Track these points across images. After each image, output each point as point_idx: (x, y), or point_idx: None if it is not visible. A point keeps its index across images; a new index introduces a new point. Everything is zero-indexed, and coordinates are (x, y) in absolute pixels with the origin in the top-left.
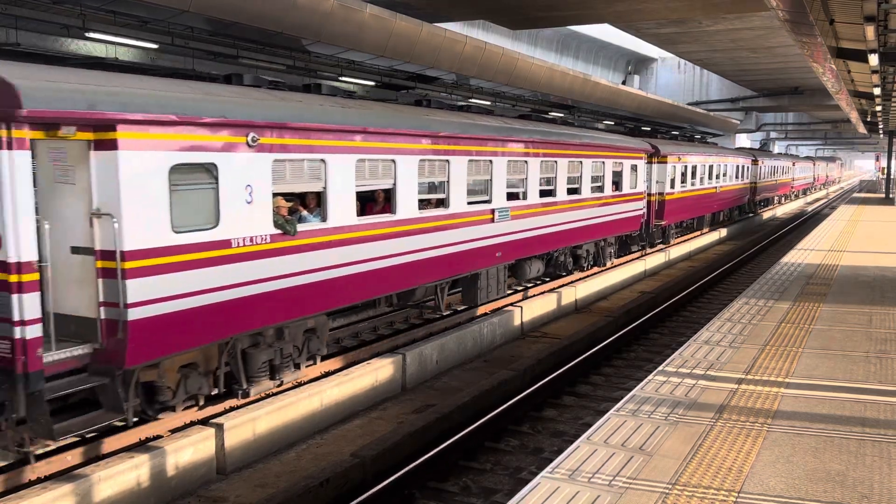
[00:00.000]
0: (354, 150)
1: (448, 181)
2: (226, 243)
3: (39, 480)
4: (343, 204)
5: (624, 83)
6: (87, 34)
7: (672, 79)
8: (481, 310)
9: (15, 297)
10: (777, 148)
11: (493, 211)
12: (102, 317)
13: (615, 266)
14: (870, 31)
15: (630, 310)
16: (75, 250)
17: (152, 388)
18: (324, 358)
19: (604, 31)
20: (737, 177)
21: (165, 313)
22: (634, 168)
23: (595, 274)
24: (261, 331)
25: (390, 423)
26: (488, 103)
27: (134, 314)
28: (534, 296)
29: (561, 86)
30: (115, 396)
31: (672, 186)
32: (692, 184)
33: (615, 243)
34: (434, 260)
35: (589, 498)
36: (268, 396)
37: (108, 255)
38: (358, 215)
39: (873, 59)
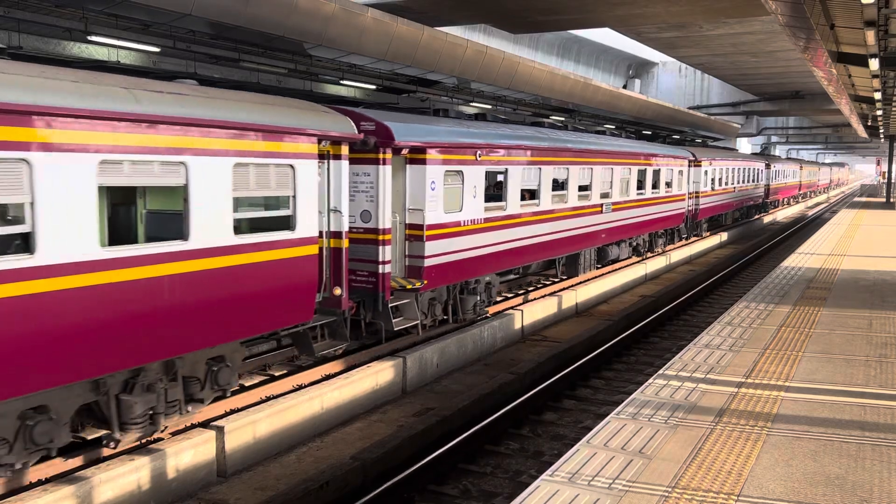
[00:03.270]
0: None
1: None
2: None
3: (40, 483)
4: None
5: (625, 87)
6: (89, 37)
7: (673, 83)
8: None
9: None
10: (777, 152)
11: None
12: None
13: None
14: (870, 35)
15: (630, 313)
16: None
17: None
18: (323, 361)
19: (605, 36)
20: (791, 177)
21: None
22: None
23: (596, 277)
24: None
25: (390, 427)
26: (489, 107)
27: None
28: (534, 299)
29: (562, 90)
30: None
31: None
32: (785, 178)
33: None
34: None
35: (588, 501)
36: (268, 399)
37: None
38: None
39: (874, 64)
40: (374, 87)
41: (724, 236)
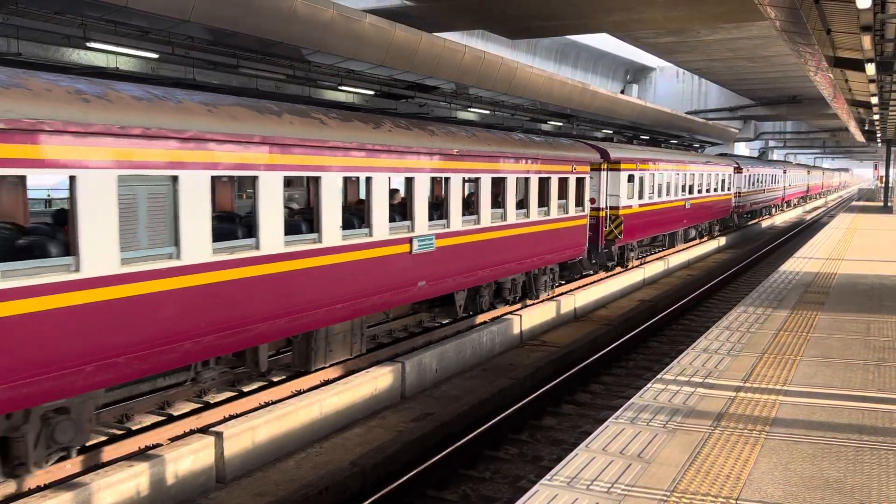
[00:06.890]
0: None
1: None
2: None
3: (38, 489)
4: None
5: (623, 92)
6: (88, 44)
7: (671, 88)
8: (480, 318)
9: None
10: (776, 156)
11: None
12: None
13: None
14: (866, 40)
15: (629, 318)
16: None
17: None
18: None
19: (602, 41)
20: (818, 180)
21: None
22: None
23: (595, 282)
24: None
25: (389, 432)
26: (487, 112)
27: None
28: (533, 304)
29: (560, 95)
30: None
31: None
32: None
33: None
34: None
35: None
36: (267, 405)
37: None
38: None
39: (870, 69)
40: (372, 92)
41: (722, 241)
